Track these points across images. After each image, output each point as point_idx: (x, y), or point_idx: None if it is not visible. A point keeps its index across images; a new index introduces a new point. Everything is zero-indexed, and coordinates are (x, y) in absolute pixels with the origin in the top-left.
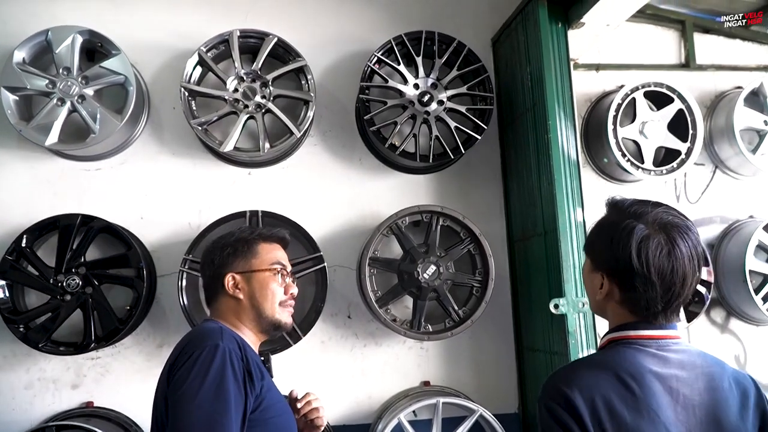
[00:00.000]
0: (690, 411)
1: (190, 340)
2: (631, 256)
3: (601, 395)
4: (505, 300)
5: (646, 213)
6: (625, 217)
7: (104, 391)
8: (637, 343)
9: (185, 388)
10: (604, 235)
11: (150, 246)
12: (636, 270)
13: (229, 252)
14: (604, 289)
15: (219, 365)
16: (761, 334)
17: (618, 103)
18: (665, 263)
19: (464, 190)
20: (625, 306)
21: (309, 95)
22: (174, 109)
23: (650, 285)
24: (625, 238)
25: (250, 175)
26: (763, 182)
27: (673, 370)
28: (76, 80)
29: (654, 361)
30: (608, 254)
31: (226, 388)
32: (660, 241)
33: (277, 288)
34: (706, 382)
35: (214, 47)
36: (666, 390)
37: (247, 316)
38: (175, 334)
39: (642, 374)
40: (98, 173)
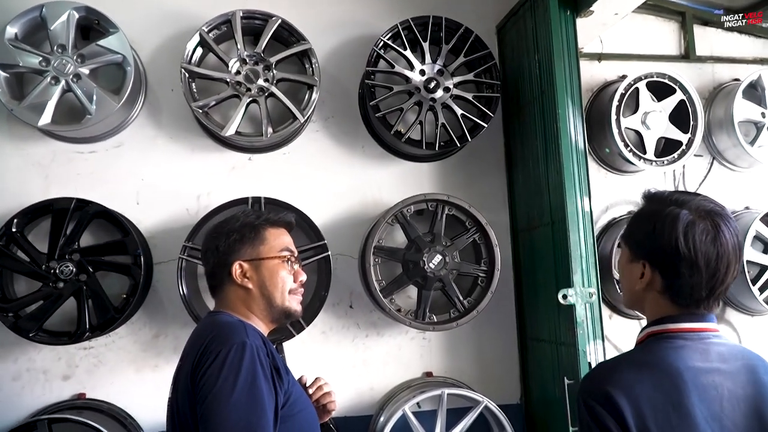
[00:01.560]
0: (735, 405)
1: (213, 337)
2: (678, 240)
3: (645, 394)
4: (507, 290)
5: (688, 201)
6: (667, 204)
7: (97, 383)
8: (679, 336)
9: (217, 390)
10: (646, 223)
11: (146, 232)
12: (683, 255)
13: (235, 238)
14: (645, 278)
15: (249, 364)
16: (757, 325)
17: (621, 93)
18: (710, 249)
19: (467, 179)
20: (666, 295)
21: (313, 79)
22: (172, 91)
23: (696, 270)
24: (670, 224)
25: (251, 160)
26: (759, 174)
27: (715, 363)
28: (72, 58)
29: (696, 355)
30: (651, 242)
31: (259, 387)
32: (706, 227)
33: (287, 276)
34: (748, 375)
35: (216, 28)
36: (710, 385)
37: (257, 306)
38: (172, 323)
39: (685, 370)
40: (92, 156)
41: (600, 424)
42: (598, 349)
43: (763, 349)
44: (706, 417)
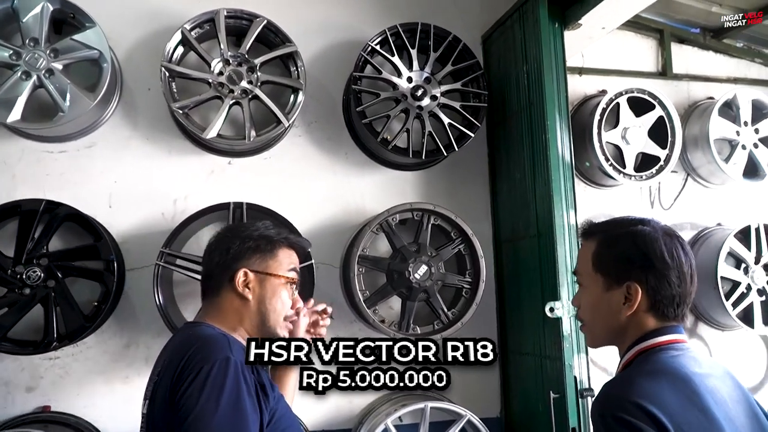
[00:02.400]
0: (737, 406)
1: (195, 352)
2: (666, 251)
3: (673, 401)
4: (489, 302)
5: (644, 221)
6: (630, 225)
7: (63, 395)
8: (671, 348)
9: (199, 409)
10: (622, 245)
11: (119, 237)
12: (671, 265)
13: (249, 246)
14: (634, 300)
15: (233, 381)
16: (727, 340)
17: (603, 107)
18: (683, 257)
19: (450, 189)
20: (651, 312)
21: (299, 83)
22: (149, 90)
23: (683, 278)
24: (650, 239)
25: (230, 164)
26: (730, 191)
27: (705, 369)
28: (44, 53)
29: (693, 362)
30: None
31: (243, 406)
32: (674, 241)
33: (287, 299)
34: (731, 380)
35: (198, 26)
36: (715, 388)
37: (249, 320)
38: (144, 332)
39: (693, 375)
40: (63, 156)
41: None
42: (582, 362)
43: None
44: (724, 418)
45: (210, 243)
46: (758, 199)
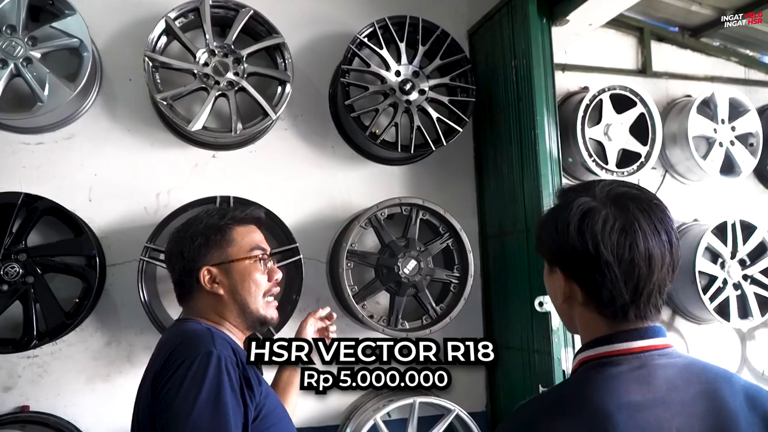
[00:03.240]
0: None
1: (177, 347)
2: (576, 236)
3: None
4: (475, 297)
5: (592, 187)
6: (569, 194)
7: (42, 394)
8: (614, 363)
9: (177, 404)
10: (550, 222)
11: (99, 231)
12: (583, 252)
13: (200, 242)
14: (564, 289)
15: (214, 375)
16: (703, 333)
17: (586, 104)
18: (619, 239)
19: (437, 184)
20: (591, 307)
21: (286, 75)
22: (130, 80)
23: (606, 268)
24: (566, 217)
25: (215, 157)
26: (707, 187)
27: (660, 393)
28: (22, 40)
29: (634, 387)
30: (556, 243)
31: (224, 401)
32: (608, 215)
33: (261, 277)
34: (707, 404)
35: (183, 15)
36: (651, 425)
37: (230, 313)
38: (126, 330)
39: (617, 410)
40: (39, 148)
41: None
42: (569, 356)
43: (709, 355)
44: None
45: (166, 252)
46: (734, 195)
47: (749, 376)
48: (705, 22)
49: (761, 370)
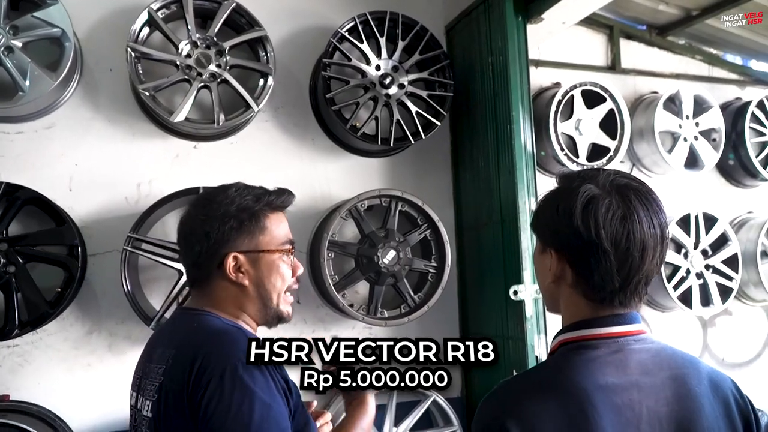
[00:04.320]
0: (656, 425)
1: (209, 352)
2: (580, 221)
3: (549, 426)
4: (451, 286)
5: (597, 176)
6: (574, 180)
7: (23, 383)
8: (592, 346)
9: (232, 417)
10: (551, 203)
11: (80, 221)
12: (584, 237)
13: (232, 225)
14: (554, 269)
15: (262, 381)
16: (666, 320)
17: (559, 99)
18: (619, 228)
19: (415, 176)
20: (578, 290)
21: (268, 68)
22: (111, 71)
23: (603, 254)
24: (571, 202)
25: (196, 148)
26: (672, 180)
27: (634, 377)
28: (4, 30)
29: (610, 369)
30: (554, 224)
31: (275, 407)
32: (612, 203)
33: (287, 271)
34: (675, 389)
35: (165, 6)
36: (626, 405)
37: (251, 306)
38: (107, 319)
39: (595, 391)
40: (19, 137)
41: None
42: (542, 342)
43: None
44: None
45: (184, 228)
46: (698, 188)
47: (710, 362)
48: (671, 21)
49: (721, 356)
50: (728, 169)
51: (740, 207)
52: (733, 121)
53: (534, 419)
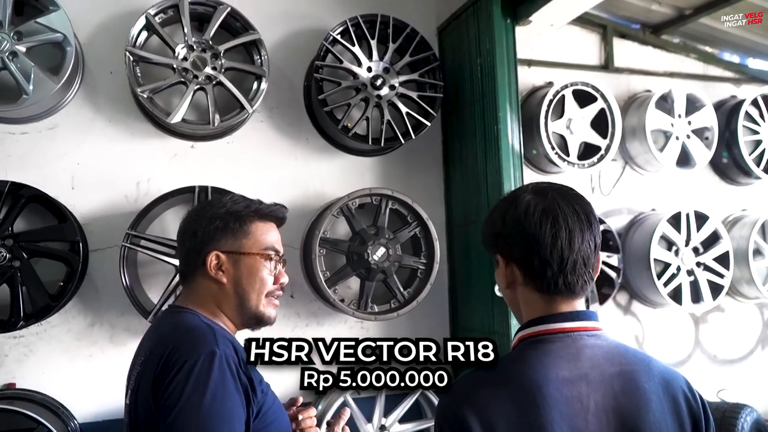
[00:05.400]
0: (602, 418)
1: (177, 345)
2: (500, 220)
3: (501, 414)
4: (442, 282)
5: (525, 187)
6: (508, 195)
7: (28, 372)
8: (548, 340)
9: (181, 406)
10: (488, 219)
11: (82, 218)
12: (515, 233)
13: (217, 226)
14: (507, 275)
15: (218, 376)
16: (658, 316)
17: (550, 99)
18: (541, 217)
19: (406, 175)
20: (529, 285)
21: (262, 70)
22: (111, 73)
23: (534, 242)
24: (497, 209)
25: (193, 148)
26: (664, 178)
27: (584, 370)
28: (8, 35)
29: (563, 363)
30: (493, 232)
31: (227, 402)
32: (531, 200)
33: (267, 276)
34: (623, 384)
35: (162, 11)
36: (574, 398)
37: (228, 304)
38: (107, 312)
39: (546, 383)
40: (24, 137)
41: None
42: None
43: (663, 338)
44: (569, 429)
45: (180, 227)
46: (691, 186)
47: (702, 358)
48: (665, 20)
49: (713, 353)
50: (722, 167)
51: (734, 205)
52: (727, 120)
53: (487, 408)
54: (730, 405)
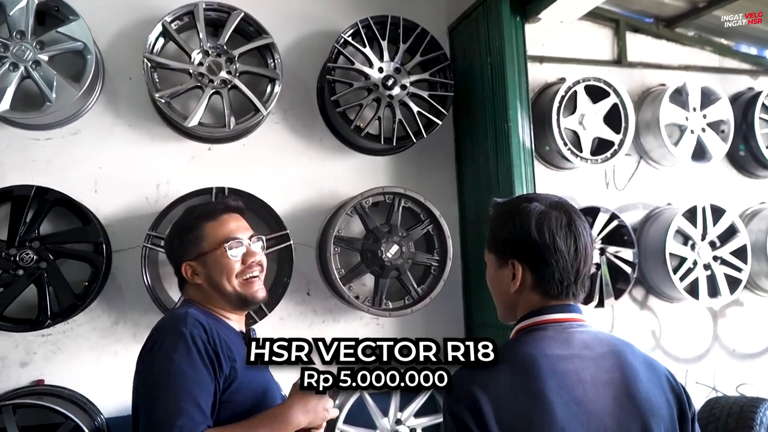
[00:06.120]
0: (600, 389)
1: (157, 329)
2: (535, 230)
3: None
4: (456, 278)
5: (536, 197)
6: (519, 203)
7: (56, 369)
8: (543, 328)
9: (150, 376)
10: (504, 223)
11: (104, 220)
12: (542, 243)
13: (176, 243)
14: (518, 277)
15: (183, 351)
16: (674, 311)
17: (561, 95)
18: (567, 234)
19: (419, 173)
20: (537, 289)
21: (276, 73)
22: (130, 79)
23: (559, 255)
24: (526, 216)
25: (210, 150)
26: (680, 172)
27: (576, 350)
28: (31, 45)
29: (557, 344)
30: (514, 238)
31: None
32: (559, 215)
33: (232, 261)
34: (613, 360)
35: (178, 18)
36: (570, 371)
37: (212, 298)
38: (131, 310)
39: (542, 358)
40: (48, 143)
41: (459, 421)
42: None
43: (681, 332)
44: (567, 402)
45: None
46: (707, 180)
47: (721, 353)
48: (679, 13)
49: (732, 347)
50: (739, 160)
51: (752, 198)
52: (744, 112)
53: (493, 384)
54: (749, 399)
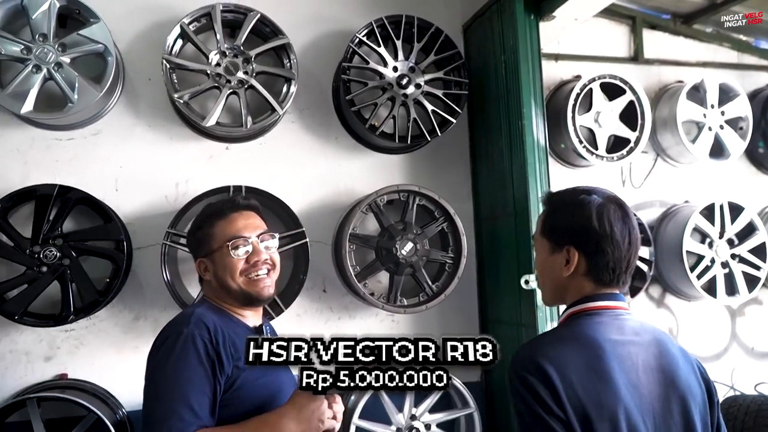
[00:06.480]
0: (650, 374)
1: (163, 329)
2: (597, 220)
3: (571, 363)
4: (470, 275)
5: (593, 190)
6: (578, 194)
7: (78, 364)
8: (597, 314)
9: (150, 376)
10: (563, 212)
11: (125, 218)
12: (602, 233)
13: (191, 241)
14: (572, 263)
15: (180, 349)
16: (692, 309)
17: (577, 92)
18: (622, 226)
19: (434, 171)
20: (590, 275)
21: (292, 73)
22: (150, 80)
23: (615, 245)
24: (587, 207)
25: (228, 149)
26: (698, 170)
27: (629, 336)
28: (53, 47)
29: (613, 329)
30: (574, 226)
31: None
32: (615, 208)
33: (236, 260)
34: (658, 347)
35: (196, 20)
36: (627, 355)
37: (220, 294)
38: (151, 307)
39: (605, 342)
40: (71, 143)
41: (532, 391)
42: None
43: (698, 331)
44: (626, 384)
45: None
46: (726, 177)
47: (739, 352)
48: (696, 9)
49: (751, 346)
50: (758, 157)
51: None
52: (763, 109)
53: (561, 359)
54: (767, 398)
